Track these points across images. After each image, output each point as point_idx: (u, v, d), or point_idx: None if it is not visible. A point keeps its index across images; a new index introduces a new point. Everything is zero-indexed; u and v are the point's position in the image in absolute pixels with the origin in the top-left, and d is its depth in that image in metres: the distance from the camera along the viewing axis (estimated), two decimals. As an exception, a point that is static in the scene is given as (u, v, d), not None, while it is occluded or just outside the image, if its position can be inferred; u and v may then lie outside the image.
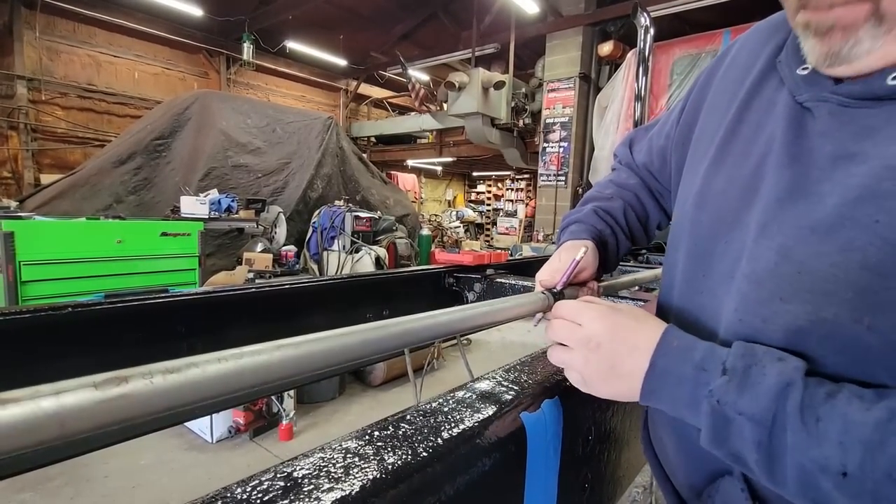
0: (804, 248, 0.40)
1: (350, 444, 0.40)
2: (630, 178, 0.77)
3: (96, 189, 4.87)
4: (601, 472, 0.69)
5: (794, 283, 0.40)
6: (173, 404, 0.28)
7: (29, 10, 6.93)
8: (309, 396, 3.24)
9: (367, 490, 0.34)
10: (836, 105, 0.40)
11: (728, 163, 0.50)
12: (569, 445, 0.57)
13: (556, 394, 0.55)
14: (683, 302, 0.53)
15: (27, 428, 0.22)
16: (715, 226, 0.49)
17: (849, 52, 0.37)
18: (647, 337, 0.44)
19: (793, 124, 0.43)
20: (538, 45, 7.20)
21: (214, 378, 0.30)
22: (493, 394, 0.53)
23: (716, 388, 0.39)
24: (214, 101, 5.89)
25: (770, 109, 0.46)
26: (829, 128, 0.41)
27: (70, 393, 0.24)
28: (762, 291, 0.42)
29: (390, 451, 0.38)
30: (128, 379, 0.26)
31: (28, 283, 2.97)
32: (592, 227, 0.69)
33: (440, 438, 0.42)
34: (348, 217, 5.08)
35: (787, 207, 0.42)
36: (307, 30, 8.99)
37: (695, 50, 4.49)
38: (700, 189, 0.52)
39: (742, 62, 0.54)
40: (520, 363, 0.65)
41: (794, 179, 0.42)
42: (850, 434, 0.32)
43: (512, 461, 0.48)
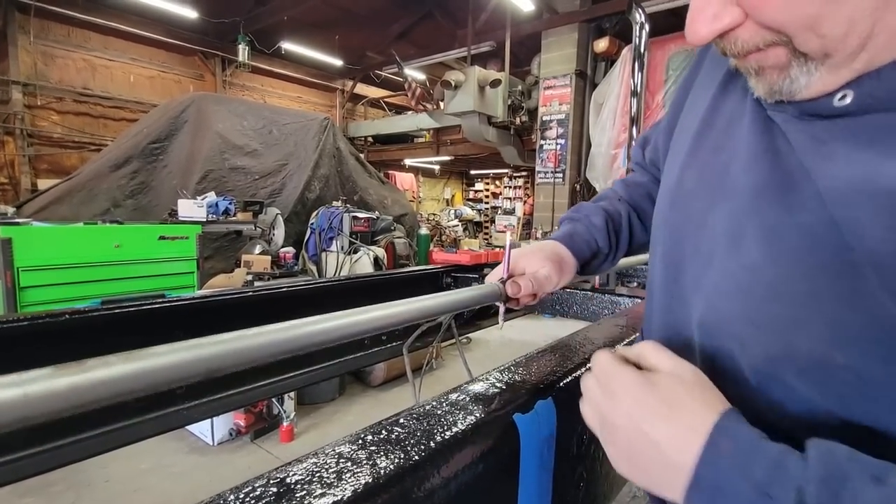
0: (775, 270, 0.37)
1: (343, 449, 0.40)
2: (642, 177, 0.76)
3: (93, 193, 4.87)
4: (596, 470, 0.70)
5: (765, 307, 0.38)
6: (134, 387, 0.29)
7: (23, 14, 6.92)
8: (309, 398, 3.25)
9: (360, 494, 0.35)
10: (790, 116, 0.39)
11: (700, 158, 0.48)
12: (564, 444, 0.58)
13: (550, 394, 0.55)
14: (662, 309, 0.52)
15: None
16: (685, 226, 0.47)
17: (789, 88, 0.36)
18: (682, 433, 0.35)
19: (760, 124, 0.41)
20: (534, 43, 7.20)
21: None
22: (486, 395, 0.53)
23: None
24: (210, 104, 5.88)
25: (743, 98, 0.44)
26: (790, 136, 0.39)
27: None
28: (733, 310, 0.40)
29: (383, 456, 0.39)
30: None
31: (26, 288, 2.98)
32: (571, 235, 0.70)
33: (433, 442, 0.42)
34: (346, 218, 5.08)
35: (753, 218, 0.39)
36: (303, 30, 8.98)
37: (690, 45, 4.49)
38: (673, 186, 0.51)
39: (716, 63, 0.52)
40: (514, 364, 0.65)
41: (762, 183, 0.39)
42: None
43: (505, 462, 0.49)
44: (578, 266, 0.69)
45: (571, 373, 0.63)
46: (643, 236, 0.75)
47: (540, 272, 0.64)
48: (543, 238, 3.29)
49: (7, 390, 0.24)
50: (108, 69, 8.02)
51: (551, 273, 0.65)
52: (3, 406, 0.24)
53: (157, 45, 8.49)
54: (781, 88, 0.37)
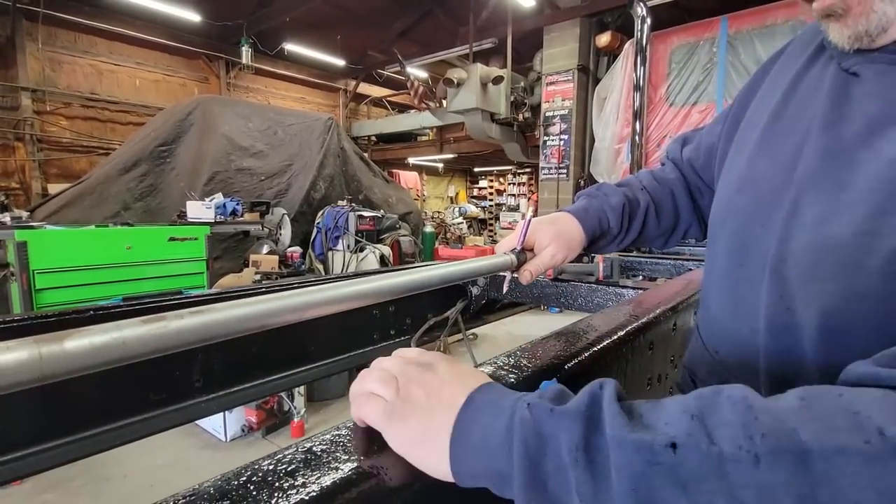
0: (836, 220, 0.37)
1: (365, 424, 0.44)
2: (671, 173, 0.77)
3: (104, 197, 4.95)
4: (601, 450, 0.73)
5: (825, 259, 0.37)
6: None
7: (30, 22, 7.01)
8: (319, 394, 3.30)
9: (379, 460, 0.38)
10: (886, 65, 0.38)
11: (773, 144, 0.48)
12: (568, 424, 0.61)
13: (554, 375, 0.58)
14: (723, 296, 0.52)
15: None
16: (755, 209, 0.47)
17: (877, 23, 0.36)
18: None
19: (836, 93, 0.41)
20: (536, 39, 7.19)
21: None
22: (495, 377, 0.57)
23: (532, 400, 0.34)
24: (216, 106, 5.94)
25: (818, 87, 0.44)
26: (877, 88, 0.38)
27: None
28: (797, 272, 0.39)
29: (400, 428, 0.42)
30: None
31: (42, 290, 3.04)
32: (586, 210, 0.71)
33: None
34: (352, 217, 5.13)
35: (820, 178, 0.39)
36: (305, 31, 9.02)
37: (693, 38, 4.48)
38: (743, 173, 0.51)
39: (794, 53, 0.53)
40: (520, 349, 0.68)
41: (829, 148, 0.39)
42: (673, 412, 0.28)
43: (513, 437, 0.52)
44: (586, 242, 0.71)
45: (575, 356, 0.66)
46: (655, 230, 0.76)
47: (546, 252, 0.68)
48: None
49: (107, 334, 0.31)
50: (114, 74, 8.11)
51: (557, 252, 0.68)
52: (109, 348, 0.31)
53: (162, 48, 8.57)
54: (866, 30, 0.37)
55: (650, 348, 0.91)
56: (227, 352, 1.23)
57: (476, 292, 1.84)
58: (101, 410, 1.00)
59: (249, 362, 1.29)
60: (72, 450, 0.95)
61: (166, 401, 1.11)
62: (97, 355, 0.30)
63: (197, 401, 1.16)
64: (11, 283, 3.12)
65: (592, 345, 0.71)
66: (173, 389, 1.12)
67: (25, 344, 0.28)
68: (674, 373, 1.10)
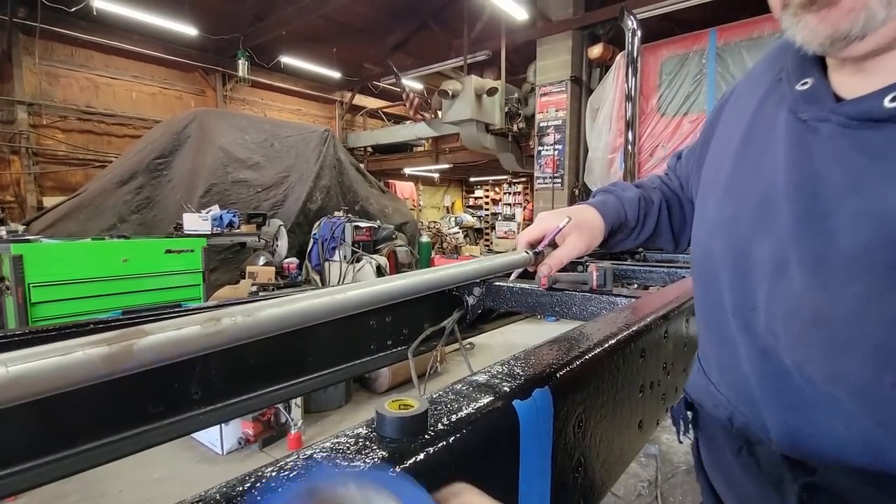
0: (821, 293, 0.37)
1: (360, 431, 0.45)
2: (675, 181, 0.79)
3: (100, 209, 4.95)
4: (593, 457, 0.74)
5: (813, 331, 0.37)
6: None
7: (27, 36, 7.05)
8: (316, 405, 3.29)
9: (377, 467, 0.40)
10: (836, 126, 0.37)
11: (737, 189, 0.48)
12: (560, 430, 0.63)
13: (546, 383, 0.60)
14: (709, 333, 0.55)
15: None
16: (723, 256, 0.47)
17: (858, 30, 0.33)
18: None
19: (796, 146, 0.40)
20: (529, 50, 7.30)
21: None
22: (488, 385, 0.58)
23: None
24: (212, 119, 5.98)
25: (773, 129, 0.44)
26: (836, 152, 0.37)
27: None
28: (786, 336, 0.40)
29: (396, 436, 0.44)
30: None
31: (38, 304, 3.03)
32: (605, 202, 0.72)
33: (440, 424, 0.47)
34: (348, 227, 5.15)
35: (801, 244, 0.38)
36: (301, 44, 9.12)
37: (682, 50, 4.57)
38: (712, 217, 0.51)
39: (747, 91, 0.54)
40: (513, 358, 0.70)
41: (801, 215, 0.39)
42: None
43: (507, 444, 0.54)
44: (606, 233, 0.71)
45: (567, 365, 0.68)
46: (668, 228, 0.77)
47: (567, 242, 0.68)
48: (542, 242, 3.20)
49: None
50: (110, 87, 8.15)
51: (579, 242, 0.69)
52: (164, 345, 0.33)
53: (159, 62, 8.63)
54: (853, 28, 0.33)
55: (642, 356, 0.93)
56: (225, 363, 1.24)
57: (472, 302, 1.85)
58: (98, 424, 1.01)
59: (247, 373, 1.29)
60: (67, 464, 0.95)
61: (164, 413, 1.12)
62: (160, 352, 0.32)
63: (195, 413, 1.17)
64: (6, 296, 3.11)
65: (584, 353, 0.73)
66: (171, 401, 1.13)
67: (99, 342, 0.31)
68: (666, 380, 1.12)
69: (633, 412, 0.93)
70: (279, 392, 1.38)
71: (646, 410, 0.98)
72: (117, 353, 0.30)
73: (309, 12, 7.48)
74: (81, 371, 0.29)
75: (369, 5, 7.90)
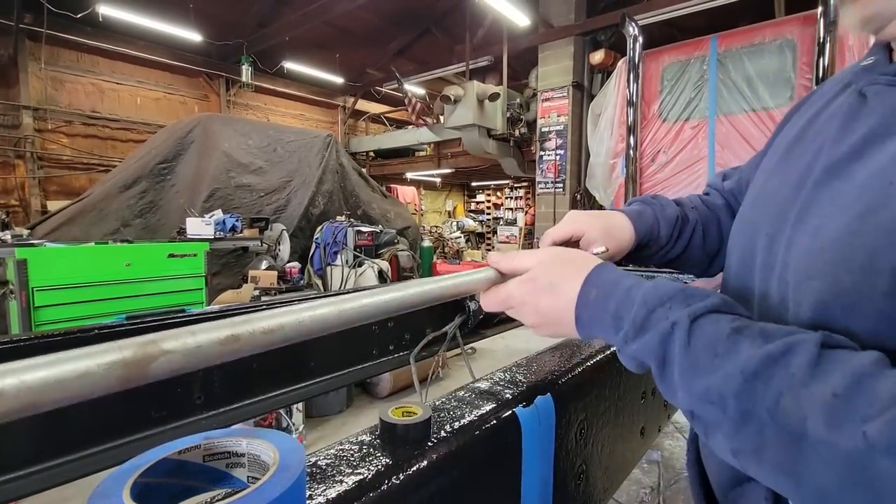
0: (830, 224, 0.40)
1: (364, 438, 0.46)
2: (717, 199, 0.78)
3: (104, 214, 4.97)
4: (595, 464, 0.75)
5: (818, 258, 0.40)
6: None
7: (33, 42, 7.12)
8: (317, 410, 3.28)
9: (381, 474, 0.40)
10: (884, 86, 0.42)
11: (788, 164, 0.51)
12: (562, 437, 0.63)
13: (548, 390, 0.61)
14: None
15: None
16: (762, 221, 0.50)
17: (887, 14, 0.39)
18: (564, 299, 0.48)
19: (847, 114, 0.45)
20: (531, 56, 7.34)
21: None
22: (491, 392, 0.59)
23: (618, 341, 0.43)
24: (216, 124, 6.02)
25: (836, 113, 0.47)
26: (876, 106, 0.42)
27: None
28: (797, 275, 0.43)
29: (400, 442, 0.44)
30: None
31: (41, 308, 3.05)
32: (640, 213, 0.70)
33: (443, 431, 0.48)
34: (350, 232, 5.16)
35: (821, 190, 0.43)
36: (304, 50, 9.18)
37: (683, 56, 4.59)
38: (758, 190, 0.55)
39: (815, 98, 0.56)
40: (515, 365, 0.71)
41: (831, 161, 0.43)
42: (734, 366, 0.34)
43: (510, 450, 0.54)
44: (634, 245, 0.69)
45: (569, 371, 0.68)
46: (700, 250, 0.75)
47: (592, 249, 0.64)
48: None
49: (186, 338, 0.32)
50: (115, 92, 8.21)
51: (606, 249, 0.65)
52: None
53: (163, 67, 8.69)
54: (881, 12, 0.40)
55: (643, 363, 0.93)
56: (227, 368, 1.24)
57: (474, 307, 1.86)
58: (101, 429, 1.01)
59: (249, 379, 1.30)
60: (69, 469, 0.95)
61: (167, 418, 1.12)
62: (176, 368, 0.31)
63: (197, 418, 1.18)
64: (10, 300, 3.12)
65: (586, 360, 0.73)
66: (174, 407, 1.13)
67: (113, 357, 0.30)
68: (668, 386, 1.12)
69: (635, 419, 0.93)
70: (281, 397, 1.39)
71: (648, 417, 0.98)
72: (133, 369, 0.30)
73: (312, 18, 7.54)
74: (90, 384, 0.28)
75: (372, 12, 7.96)
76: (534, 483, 0.57)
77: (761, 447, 0.33)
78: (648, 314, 0.41)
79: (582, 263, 0.50)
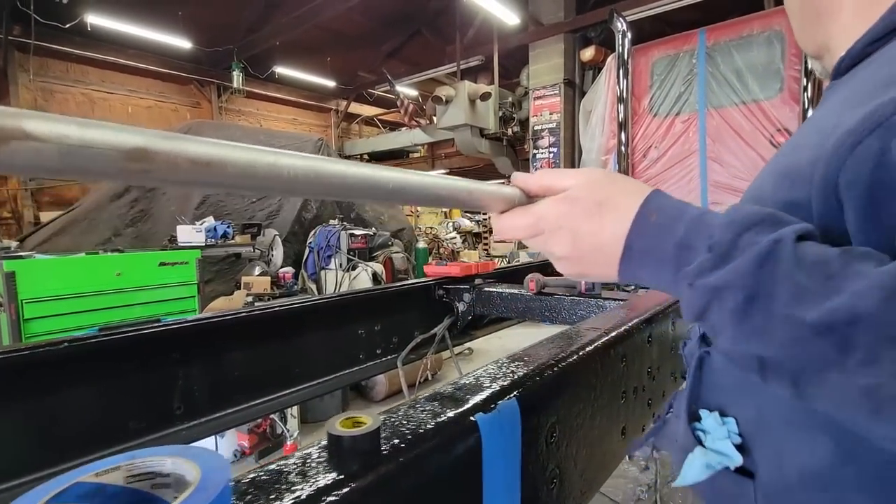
0: (770, 179, 0.47)
1: (310, 452, 0.44)
2: None
3: (94, 224, 4.95)
4: (570, 468, 0.73)
5: (775, 184, 0.47)
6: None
7: (22, 53, 7.09)
8: (312, 415, 3.27)
9: (322, 490, 0.39)
10: (833, 83, 0.52)
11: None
12: (530, 442, 0.61)
13: (513, 394, 0.59)
14: None
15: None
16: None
17: (823, 73, 0.56)
18: (613, 221, 0.40)
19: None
20: (522, 55, 7.33)
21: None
22: (453, 398, 0.57)
23: (691, 270, 0.36)
24: (207, 131, 6.00)
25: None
26: (828, 98, 0.51)
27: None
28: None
29: (346, 457, 0.43)
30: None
31: (30, 320, 3.02)
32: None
33: (394, 442, 0.46)
34: (343, 235, 5.14)
35: (776, 159, 0.49)
36: (295, 54, 9.17)
37: (672, 51, 4.58)
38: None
39: None
40: (485, 368, 0.69)
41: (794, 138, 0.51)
42: (868, 283, 0.29)
43: (469, 458, 0.52)
44: None
45: (538, 374, 0.66)
46: None
47: None
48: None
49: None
50: (106, 101, 8.19)
51: None
52: None
53: (154, 75, 8.67)
54: (806, 50, 0.57)
55: (623, 361, 0.91)
56: (208, 376, 1.22)
57: (462, 308, 1.84)
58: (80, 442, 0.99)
59: (232, 387, 1.28)
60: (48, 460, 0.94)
61: (145, 430, 1.10)
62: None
63: (178, 428, 1.16)
64: (0, 313, 3.10)
65: (558, 362, 0.71)
66: (153, 417, 1.12)
67: None
68: (652, 384, 1.10)
69: (615, 419, 0.91)
70: (265, 405, 1.37)
71: (629, 416, 0.97)
72: None
73: (302, 22, 7.52)
74: None
75: (362, 14, 7.95)
76: (497, 491, 0.55)
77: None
78: (736, 238, 0.35)
79: (635, 184, 0.42)
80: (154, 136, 0.27)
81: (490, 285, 1.80)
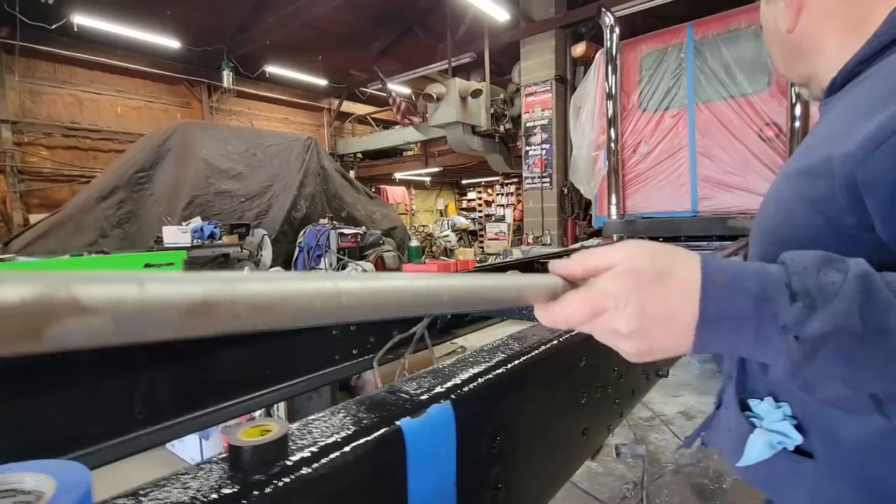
0: (774, 199, 0.54)
1: (210, 463, 0.42)
2: None
3: (81, 225, 4.91)
4: (521, 470, 0.71)
5: (769, 210, 0.55)
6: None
7: (8, 54, 7.03)
8: (302, 416, 3.24)
9: (225, 497, 0.36)
10: (821, 104, 0.59)
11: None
12: (468, 447, 0.59)
13: (446, 397, 0.57)
14: None
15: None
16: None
17: (811, 95, 0.63)
18: (680, 291, 0.37)
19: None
20: (514, 51, 7.31)
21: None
22: (381, 403, 0.55)
23: (789, 321, 0.34)
24: (194, 131, 5.95)
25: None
26: (822, 118, 0.58)
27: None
28: (755, 234, 0.58)
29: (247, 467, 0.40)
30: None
31: (11, 324, 2.99)
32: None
33: (303, 450, 0.44)
34: (333, 235, 5.12)
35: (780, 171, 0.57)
36: (286, 53, 9.11)
37: (661, 45, 4.55)
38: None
39: None
40: (425, 370, 0.67)
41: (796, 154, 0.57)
42: None
43: (391, 467, 0.50)
44: None
45: (478, 376, 0.64)
46: None
47: None
48: (535, 243, 3.34)
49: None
50: (95, 102, 8.12)
51: None
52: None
53: (143, 76, 8.61)
54: (815, 92, 0.62)
55: (582, 361, 0.89)
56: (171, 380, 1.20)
57: (441, 307, 1.82)
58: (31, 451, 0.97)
59: (197, 389, 1.26)
60: None
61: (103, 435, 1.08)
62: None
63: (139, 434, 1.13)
64: (-19, 317, 3.06)
65: (503, 363, 0.69)
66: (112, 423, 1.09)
67: None
68: (620, 384, 1.08)
69: (576, 420, 0.89)
70: (232, 408, 1.34)
71: (592, 417, 0.94)
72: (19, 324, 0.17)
73: (292, 21, 7.47)
74: None
75: (353, 13, 7.90)
76: (424, 499, 0.53)
77: None
78: (815, 282, 0.34)
79: (684, 251, 0.40)
80: (214, 282, 0.24)
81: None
